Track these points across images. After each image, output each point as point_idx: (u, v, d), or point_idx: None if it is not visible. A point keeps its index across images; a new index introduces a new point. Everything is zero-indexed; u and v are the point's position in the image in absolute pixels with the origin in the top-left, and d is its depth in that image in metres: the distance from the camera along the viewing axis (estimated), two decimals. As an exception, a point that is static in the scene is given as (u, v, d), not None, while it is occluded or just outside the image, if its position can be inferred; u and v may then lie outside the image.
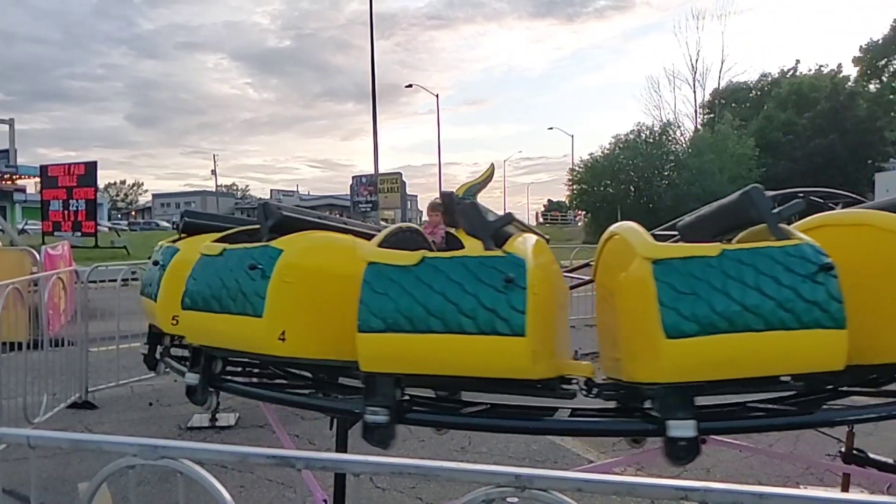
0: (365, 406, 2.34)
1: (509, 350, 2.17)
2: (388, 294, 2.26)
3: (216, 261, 2.80)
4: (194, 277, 2.78)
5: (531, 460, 4.54)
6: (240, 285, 2.60)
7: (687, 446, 2.08)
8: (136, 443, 1.48)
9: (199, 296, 2.76)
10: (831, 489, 3.80)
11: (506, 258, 2.29)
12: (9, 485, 3.81)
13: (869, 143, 44.94)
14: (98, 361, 6.38)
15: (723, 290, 2.04)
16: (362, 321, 2.25)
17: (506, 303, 2.17)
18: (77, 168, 21.04)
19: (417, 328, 2.21)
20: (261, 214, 2.94)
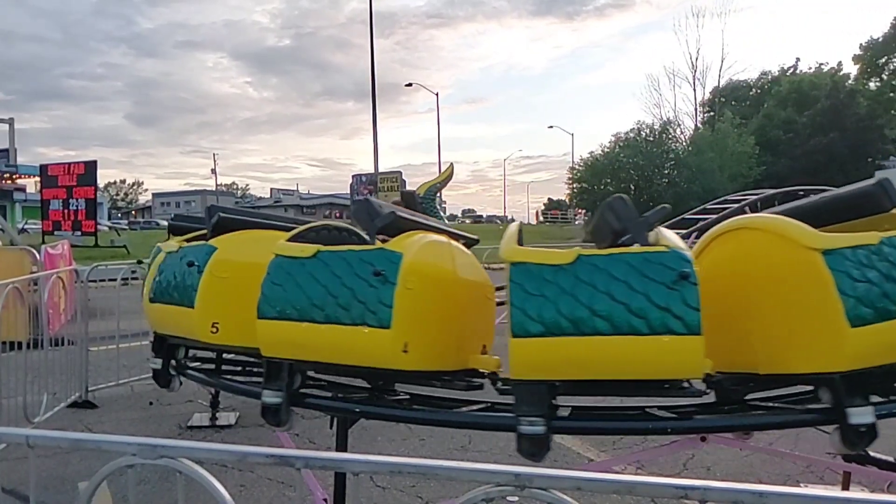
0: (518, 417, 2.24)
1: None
2: None
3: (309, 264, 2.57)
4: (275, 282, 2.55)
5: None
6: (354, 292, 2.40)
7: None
8: (136, 442, 1.47)
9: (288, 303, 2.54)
10: (832, 487, 3.80)
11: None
12: (8, 484, 3.82)
13: (869, 141, 44.95)
14: (98, 361, 6.38)
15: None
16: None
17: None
18: (77, 167, 21.01)
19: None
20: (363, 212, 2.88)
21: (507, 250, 2.28)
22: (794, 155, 45.93)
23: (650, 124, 47.69)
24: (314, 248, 2.55)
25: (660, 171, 44.40)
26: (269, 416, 2.57)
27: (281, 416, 2.57)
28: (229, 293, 2.84)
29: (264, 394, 2.57)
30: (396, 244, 2.52)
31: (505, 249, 2.30)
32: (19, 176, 31.58)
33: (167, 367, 3.29)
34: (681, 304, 2.04)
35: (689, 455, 4.45)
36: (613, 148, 46.27)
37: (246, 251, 2.93)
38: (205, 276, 2.81)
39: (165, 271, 3.08)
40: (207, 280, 2.81)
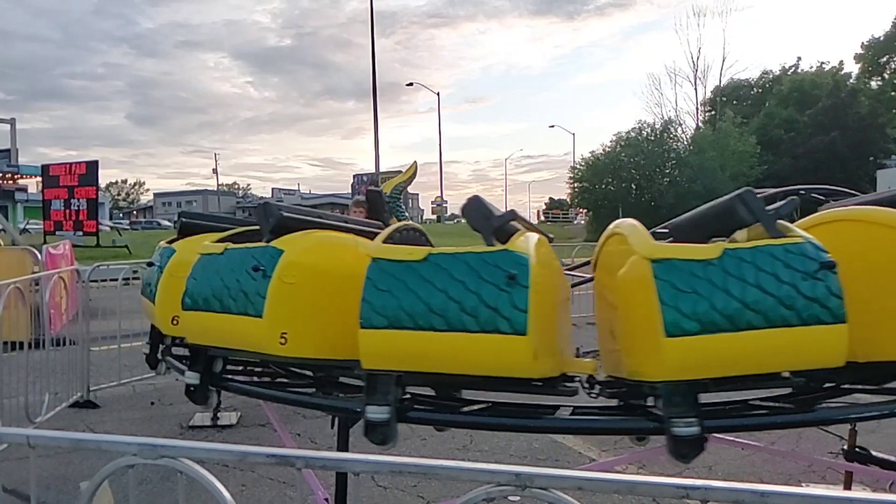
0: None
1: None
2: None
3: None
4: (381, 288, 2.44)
5: (532, 458, 4.53)
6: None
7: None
8: (136, 442, 1.47)
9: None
10: (833, 487, 3.79)
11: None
12: (10, 484, 3.82)
13: (870, 140, 44.90)
14: (100, 360, 6.39)
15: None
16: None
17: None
18: (78, 167, 21.02)
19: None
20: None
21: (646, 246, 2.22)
22: (796, 154, 45.87)
23: (651, 123, 47.63)
24: (425, 251, 2.37)
25: (661, 170, 44.32)
26: (373, 433, 2.39)
27: (389, 433, 2.39)
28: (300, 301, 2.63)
29: (368, 410, 2.35)
30: (518, 246, 2.35)
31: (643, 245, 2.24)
32: (21, 176, 31.61)
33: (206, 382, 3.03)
34: (827, 292, 2.03)
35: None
36: (615, 147, 46.20)
37: (316, 254, 2.75)
38: (273, 282, 2.55)
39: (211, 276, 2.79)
40: (276, 286, 2.55)
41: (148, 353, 3.70)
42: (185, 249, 3.23)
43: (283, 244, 2.62)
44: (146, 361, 3.76)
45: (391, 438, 2.34)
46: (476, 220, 2.58)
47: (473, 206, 2.62)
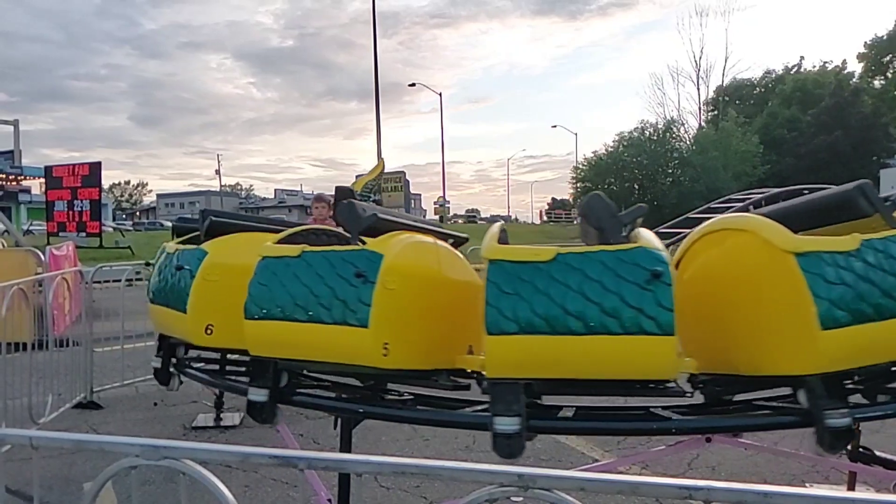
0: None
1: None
2: None
3: None
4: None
5: (535, 459, 4.53)
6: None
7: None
8: (139, 443, 1.47)
9: None
10: (837, 487, 3.79)
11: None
12: (14, 484, 3.83)
13: (873, 140, 44.82)
14: (103, 361, 6.40)
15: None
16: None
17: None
18: (81, 168, 21.04)
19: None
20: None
21: (487, 248, 2.29)
22: (799, 153, 45.81)
23: (654, 123, 47.65)
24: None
25: (664, 170, 44.30)
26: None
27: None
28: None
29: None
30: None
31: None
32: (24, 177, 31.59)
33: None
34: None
35: (693, 455, 4.44)
36: (617, 147, 46.18)
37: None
38: (378, 289, 2.51)
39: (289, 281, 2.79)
40: (381, 293, 2.51)
41: (159, 368, 3.48)
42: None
43: (380, 247, 2.51)
44: (155, 377, 3.56)
45: (519, 451, 2.29)
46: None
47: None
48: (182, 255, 2.86)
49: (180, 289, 2.93)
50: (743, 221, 2.42)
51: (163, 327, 3.35)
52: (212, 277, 2.89)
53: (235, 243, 3.12)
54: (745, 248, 2.31)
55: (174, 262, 2.97)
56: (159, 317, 3.26)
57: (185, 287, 2.98)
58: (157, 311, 3.27)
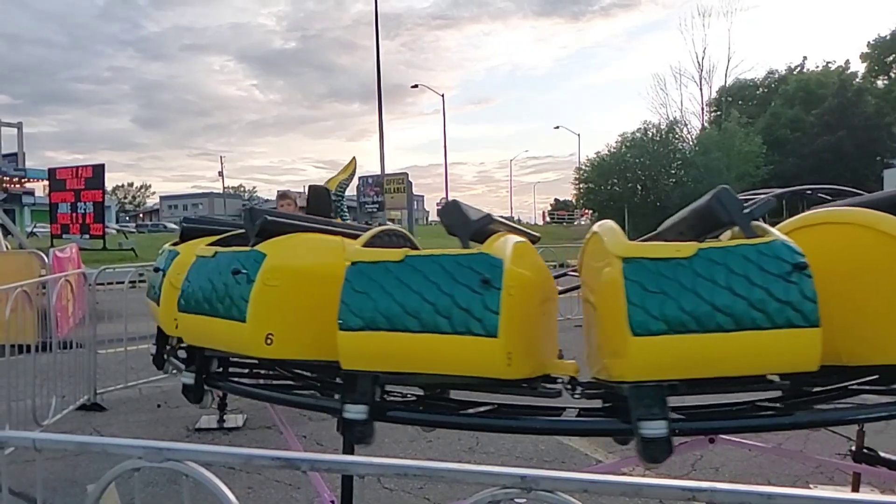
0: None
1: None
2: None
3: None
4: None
5: (539, 460, 4.52)
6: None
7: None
8: (141, 445, 1.48)
9: None
10: (841, 489, 3.78)
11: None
12: (17, 486, 3.83)
13: (877, 140, 44.76)
14: (106, 363, 6.41)
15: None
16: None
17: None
18: (85, 171, 21.16)
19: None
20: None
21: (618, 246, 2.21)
22: (802, 154, 45.77)
23: (657, 124, 47.61)
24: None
25: (667, 170, 44.26)
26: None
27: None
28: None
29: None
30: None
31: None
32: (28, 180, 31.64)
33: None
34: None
35: (697, 456, 4.43)
36: (620, 148, 46.17)
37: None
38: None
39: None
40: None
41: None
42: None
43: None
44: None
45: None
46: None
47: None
48: (241, 256, 2.65)
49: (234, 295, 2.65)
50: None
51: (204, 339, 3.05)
52: (273, 282, 2.63)
53: (293, 244, 2.90)
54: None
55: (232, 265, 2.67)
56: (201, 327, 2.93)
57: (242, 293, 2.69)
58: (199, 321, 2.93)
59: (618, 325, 2.07)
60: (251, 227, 2.82)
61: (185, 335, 2.98)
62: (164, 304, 3.25)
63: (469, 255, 2.32)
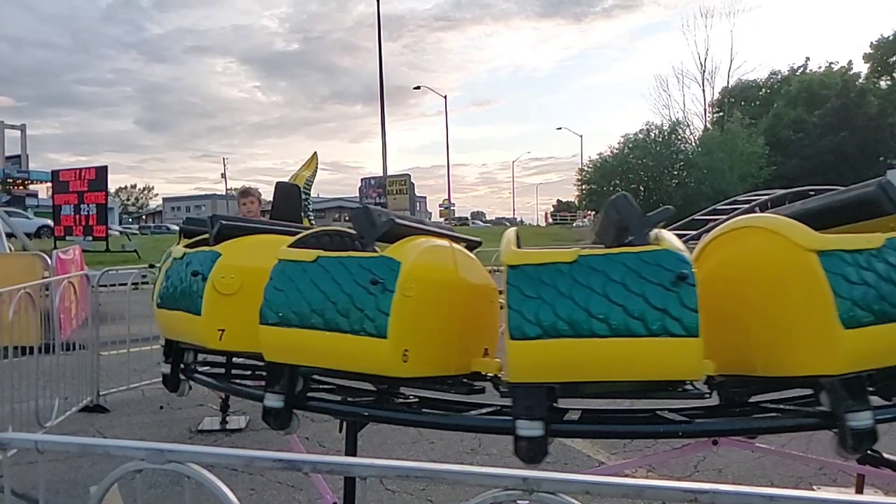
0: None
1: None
2: None
3: None
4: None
5: (542, 462, 4.52)
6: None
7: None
8: (143, 447, 1.48)
9: None
10: (845, 490, 3.77)
11: (378, 260, 2.43)
12: (20, 488, 3.84)
13: (880, 140, 44.67)
14: (109, 365, 6.42)
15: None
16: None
17: (374, 304, 2.28)
18: (88, 173, 21.17)
19: None
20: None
21: (506, 253, 2.28)
22: (805, 155, 45.69)
23: (659, 125, 47.60)
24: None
25: (669, 172, 44.26)
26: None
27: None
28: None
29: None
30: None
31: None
32: (31, 181, 31.85)
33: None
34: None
35: (700, 457, 4.42)
36: (622, 149, 46.16)
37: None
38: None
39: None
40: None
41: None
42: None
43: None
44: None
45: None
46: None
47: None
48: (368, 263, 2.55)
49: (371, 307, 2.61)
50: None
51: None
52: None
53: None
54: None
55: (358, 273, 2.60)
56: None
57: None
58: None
59: None
60: None
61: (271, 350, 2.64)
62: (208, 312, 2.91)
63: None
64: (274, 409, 2.56)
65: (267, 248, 2.79)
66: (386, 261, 2.41)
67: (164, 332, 3.22)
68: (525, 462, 2.21)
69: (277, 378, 2.58)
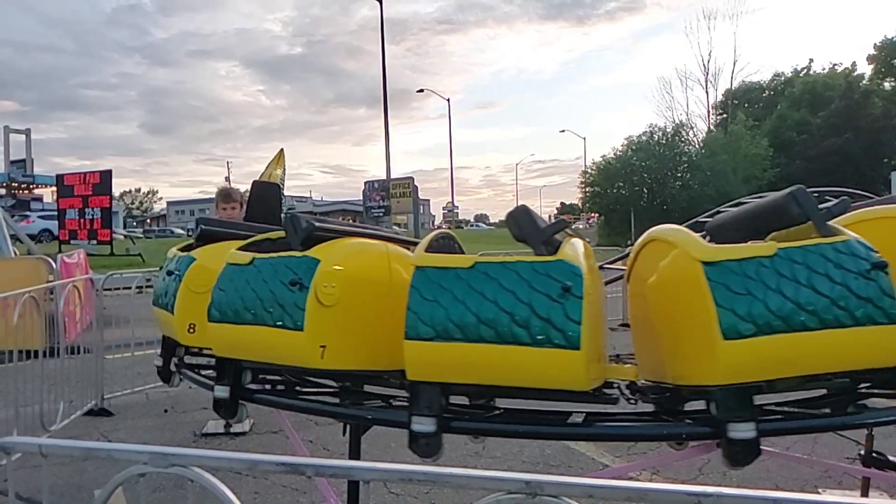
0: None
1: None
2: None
3: None
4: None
5: (545, 465, 4.51)
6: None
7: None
8: (147, 451, 1.48)
9: None
10: (850, 493, 3.75)
11: (301, 259, 2.50)
12: (24, 492, 3.84)
13: (884, 142, 44.59)
14: (113, 368, 6.44)
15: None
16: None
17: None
18: (92, 177, 21.23)
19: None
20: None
21: (415, 255, 2.35)
22: (809, 156, 45.63)
23: (662, 127, 47.56)
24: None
25: (673, 174, 44.19)
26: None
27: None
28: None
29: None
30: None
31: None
32: (36, 186, 31.96)
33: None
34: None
35: (705, 460, 4.41)
36: (626, 151, 46.11)
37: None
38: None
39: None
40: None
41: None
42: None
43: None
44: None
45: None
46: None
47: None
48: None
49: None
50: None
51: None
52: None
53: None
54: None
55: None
56: None
57: None
58: None
59: None
60: None
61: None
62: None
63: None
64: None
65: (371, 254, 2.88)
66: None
67: (222, 349, 3.23)
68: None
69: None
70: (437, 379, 2.24)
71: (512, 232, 2.52)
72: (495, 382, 2.24)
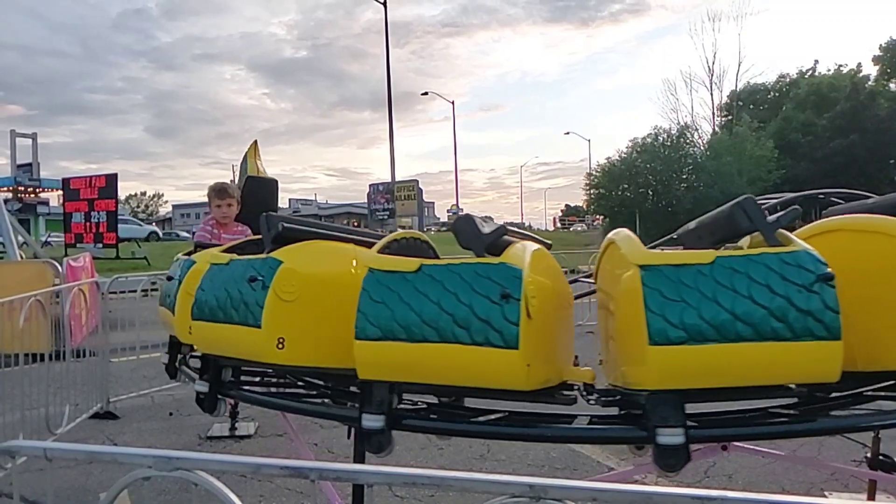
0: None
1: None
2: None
3: None
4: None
5: (550, 468, 4.50)
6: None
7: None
8: (151, 454, 1.48)
9: None
10: (857, 496, 3.74)
11: (265, 261, 2.59)
12: (30, 495, 3.86)
13: (890, 143, 44.33)
14: (119, 371, 6.46)
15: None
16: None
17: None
18: (98, 180, 21.26)
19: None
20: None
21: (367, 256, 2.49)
22: (814, 158, 45.47)
23: (667, 129, 47.43)
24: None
25: (678, 175, 44.08)
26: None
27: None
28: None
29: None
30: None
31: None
32: (42, 189, 32.04)
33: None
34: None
35: (710, 463, 4.39)
36: (631, 153, 46.02)
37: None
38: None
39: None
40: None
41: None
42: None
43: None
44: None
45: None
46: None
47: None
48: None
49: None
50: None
51: None
52: None
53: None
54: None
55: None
56: None
57: None
58: None
59: None
60: None
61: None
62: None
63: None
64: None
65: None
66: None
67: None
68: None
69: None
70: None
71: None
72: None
